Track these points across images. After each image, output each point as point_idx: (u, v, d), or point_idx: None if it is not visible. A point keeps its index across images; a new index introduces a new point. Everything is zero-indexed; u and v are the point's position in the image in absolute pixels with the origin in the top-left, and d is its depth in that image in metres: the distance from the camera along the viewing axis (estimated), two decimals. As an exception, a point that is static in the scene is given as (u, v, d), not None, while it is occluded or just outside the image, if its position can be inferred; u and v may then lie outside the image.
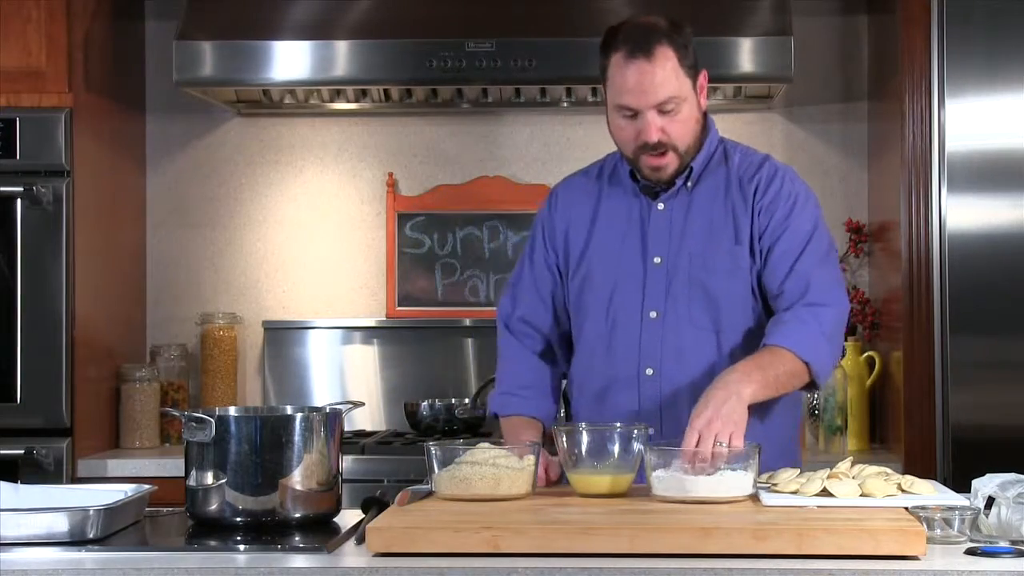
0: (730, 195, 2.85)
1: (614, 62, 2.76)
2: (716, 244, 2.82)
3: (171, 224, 4.50)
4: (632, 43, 2.73)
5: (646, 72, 2.71)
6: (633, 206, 2.89)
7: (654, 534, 2.17)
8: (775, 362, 2.69)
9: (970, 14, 3.69)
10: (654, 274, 2.84)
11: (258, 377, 4.47)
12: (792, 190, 2.84)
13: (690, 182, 2.86)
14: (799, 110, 4.42)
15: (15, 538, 2.26)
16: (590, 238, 2.90)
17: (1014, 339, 3.69)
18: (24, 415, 3.85)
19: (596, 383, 2.87)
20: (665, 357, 2.81)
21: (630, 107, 2.74)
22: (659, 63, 2.72)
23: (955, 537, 2.22)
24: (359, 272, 4.49)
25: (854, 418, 4.10)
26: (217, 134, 4.51)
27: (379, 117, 4.49)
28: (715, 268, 2.82)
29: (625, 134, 2.78)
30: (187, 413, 2.41)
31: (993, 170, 3.70)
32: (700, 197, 2.86)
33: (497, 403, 2.95)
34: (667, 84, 2.72)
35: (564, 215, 2.95)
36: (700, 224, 2.84)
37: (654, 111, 2.73)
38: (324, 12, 4.05)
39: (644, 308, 2.83)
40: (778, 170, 2.87)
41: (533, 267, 2.97)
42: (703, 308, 2.81)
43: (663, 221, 2.85)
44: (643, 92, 2.72)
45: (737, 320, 2.82)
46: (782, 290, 2.79)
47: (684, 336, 2.81)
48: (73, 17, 3.93)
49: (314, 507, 2.42)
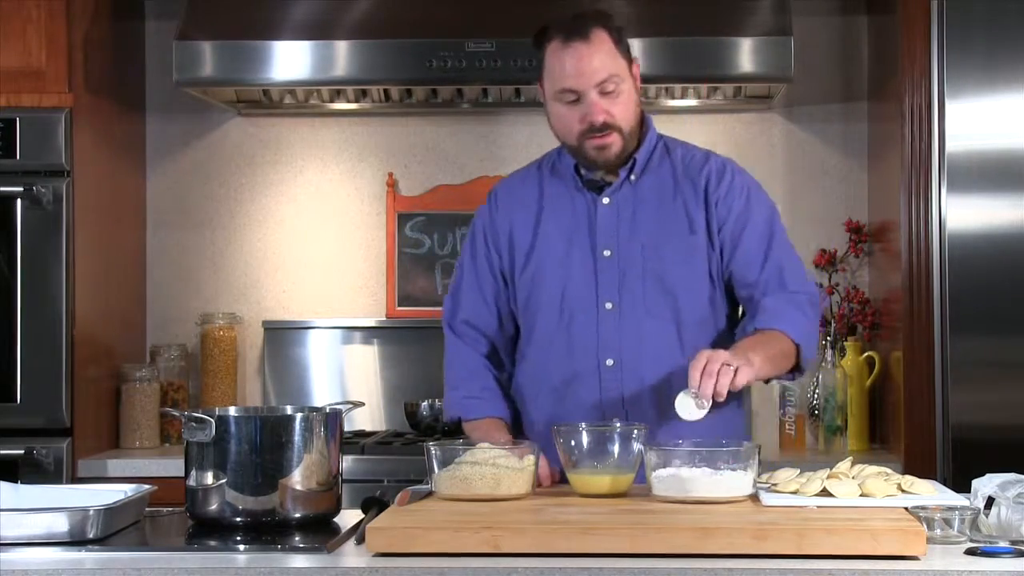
0: (679, 187, 2.89)
1: (551, 51, 2.80)
2: (668, 235, 2.86)
3: (171, 224, 4.50)
4: (567, 30, 2.79)
5: (584, 53, 2.76)
6: (578, 201, 2.91)
7: (654, 534, 2.17)
8: (772, 342, 2.76)
9: (970, 14, 3.69)
10: (605, 266, 2.86)
11: (258, 377, 4.47)
12: (743, 182, 2.91)
13: (633, 175, 2.88)
14: (799, 110, 4.42)
15: (15, 538, 2.26)
16: (536, 236, 2.91)
17: (1014, 339, 3.69)
18: (24, 415, 3.85)
19: (555, 378, 2.87)
20: (625, 347, 2.83)
21: (573, 90, 2.77)
22: (596, 44, 2.77)
23: (955, 537, 2.22)
24: (359, 272, 4.49)
25: (854, 418, 4.10)
26: (217, 134, 4.51)
27: (379, 117, 4.49)
28: (670, 258, 2.85)
29: (568, 120, 2.81)
30: (187, 413, 2.41)
31: (993, 170, 3.70)
32: (646, 190, 2.89)
33: (460, 407, 2.94)
34: (606, 63, 2.77)
35: (506, 216, 2.96)
36: (649, 216, 2.87)
37: (596, 91, 2.77)
38: (324, 12, 4.05)
39: (599, 300, 2.85)
40: (725, 163, 2.94)
41: (476, 270, 2.98)
42: (659, 298, 2.84)
43: (610, 214, 2.88)
44: (583, 73, 2.76)
45: (694, 309, 2.85)
46: (758, 280, 2.84)
47: (642, 326, 2.83)
48: (73, 17, 3.93)
49: (314, 507, 2.42)
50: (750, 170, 4.35)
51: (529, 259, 2.91)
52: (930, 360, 3.73)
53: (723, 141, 4.42)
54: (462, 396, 2.95)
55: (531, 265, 2.90)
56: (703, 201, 2.87)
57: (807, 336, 2.82)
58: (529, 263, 2.91)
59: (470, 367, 2.97)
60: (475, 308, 2.97)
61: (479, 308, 2.97)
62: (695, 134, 4.41)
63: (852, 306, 4.27)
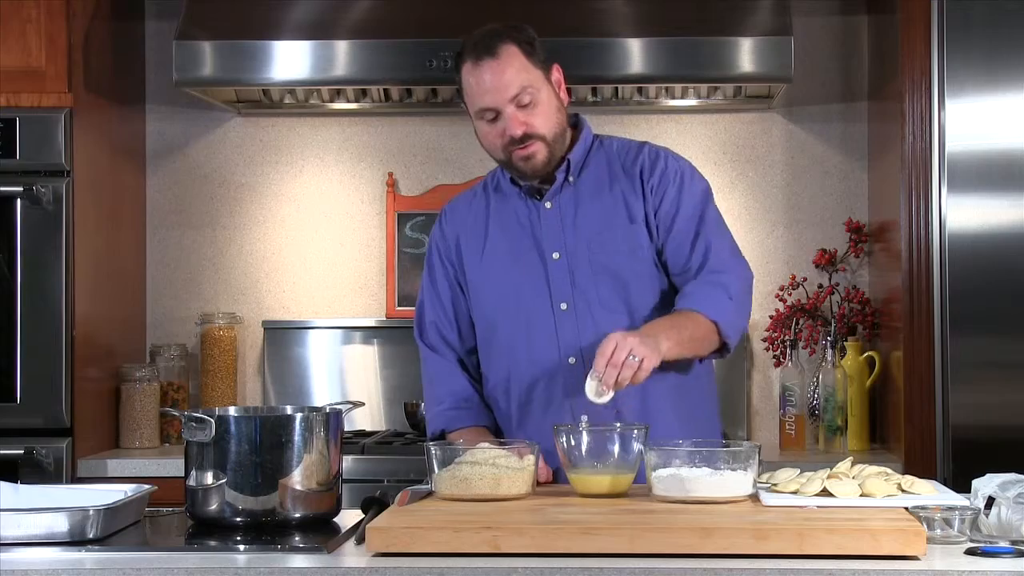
0: (616, 179, 2.91)
1: (465, 72, 2.84)
2: (611, 228, 2.88)
3: (171, 224, 4.50)
4: (476, 49, 2.82)
5: (495, 70, 2.79)
6: (521, 210, 2.93)
7: (654, 534, 2.17)
8: (685, 322, 2.77)
9: (970, 14, 3.69)
10: (555, 269, 2.88)
11: (258, 377, 4.47)
12: (677, 167, 2.92)
13: (571, 176, 2.90)
14: (799, 110, 4.42)
15: (15, 538, 2.26)
16: (484, 247, 2.95)
17: (1014, 339, 3.69)
18: (24, 415, 3.85)
19: (522, 383, 2.89)
20: (584, 344, 2.84)
21: (489, 107, 2.81)
22: (505, 59, 2.80)
23: (955, 537, 2.22)
24: (359, 272, 4.49)
25: (854, 418, 4.10)
26: (217, 134, 4.51)
27: (379, 117, 4.49)
28: (615, 250, 2.87)
29: (492, 137, 2.85)
30: (187, 413, 2.41)
31: (993, 170, 3.70)
32: (585, 187, 2.91)
33: (443, 419, 2.96)
34: (517, 77, 2.80)
35: (454, 229, 3.00)
36: (591, 212, 2.89)
37: (512, 106, 2.80)
38: (324, 12, 4.05)
39: (553, 302, 2.87)
40: (659, 151, 2.94)
41: (435, 285, 3.01)
42: (611, 291, 2.86)
43: (553, 218, 2.90)
44: (496, 89, 2.79)
45: (646, 298, 2.87)
46: (688, 266, 2.86)
47: (599, 320, 2.85)
48: (73, 17, 3.93)
49: (314, 507, 2.42)
50: (750, 170, 4.41)
51: (480, 270, 2.95)
52: (930, 360, 3.73)
53: (723, 141, 4.42)
54: (446, 409, 2.97)
55: (483, 270, 2.94)
56: (639, 189, 2.89)
57: (724, 313, 2.80)
58: (480, 274, 2.94)
59: (448, 381, 3.00)
60: (439, 319, 3.02)
61: (441, 319, 3.01)
62: (695, 134, 4.41)
63: (852, 306, 4.27)
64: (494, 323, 2.93)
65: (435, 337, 3.03)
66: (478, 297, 2.96)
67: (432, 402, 3.01)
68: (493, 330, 2.94)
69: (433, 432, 2.98)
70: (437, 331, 3.02)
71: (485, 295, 2.95)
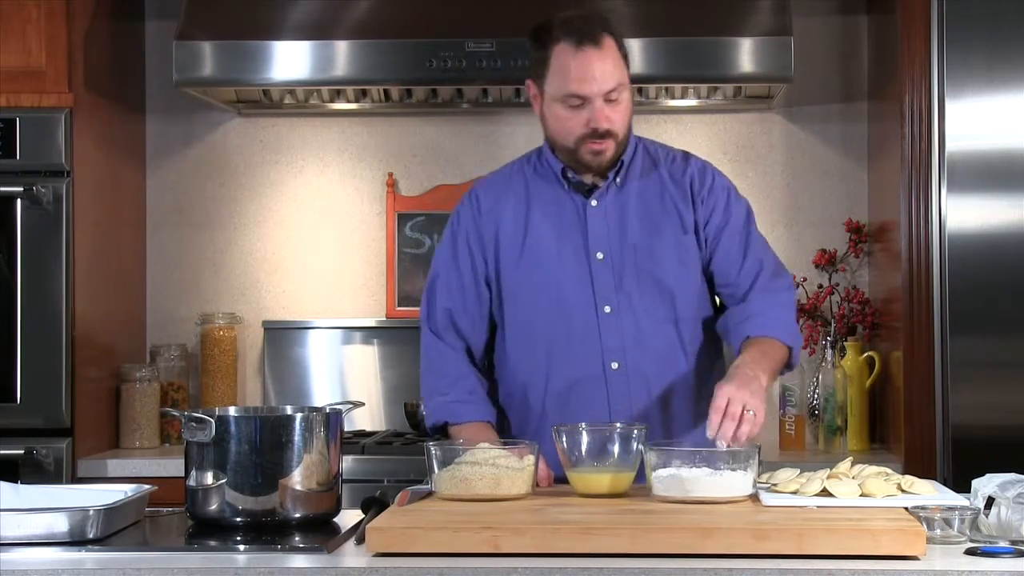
0: (665, 187, 2.90)
1: (558, 52, 2.78)
2: (660, 235, 2.87)
3: (171, 224, 4.50)
4: (578, 33, 2.77)
5: (596, 60, 2.76)
6: (566, 204, 2.90)
7: (654, 534, 2.17)
8: (772, 352, 2.79)
9: (970, 14, 3.69)
10: (599, 270, 2.86)
11: (258, 377, 4.47)
12: (723, 182, 2.95)
13: (618, 178, 2.89)
14: (799, 110, 4.42)
15: (15, 538, 2.26)
16: (525, 239, 2.89)
17: (1014, 339, 3.69)
18: (24, 415, 3.85)
19: (559, 383, 2.86)
20: (628, 350, 2.83)
21: (580, 95, 2.77)
22: (607, 51, 2.78)
23: (955, 537, 2.23)
24: (359, 272, 4.49)
25: (854, 418, 4.10)
26: (217, 134, 4.51)
27: (379, 117, 4.49)
28: (664, 258, 2.86)
29: (570, 124, 2.80)
30: (187, 413, 2.42)
31: (993, 170, 3.70)
32: (632, 192, 2.90)
33: (446, 411, 2.90)
34: (615, 72, 2.78)
35: (491, 218, 2.93)
36: (639, 217, 2.88)
37: (602, 99, 2.77)
38: (324, 12, 4.05)
39: (597, 304, 2.85)
40: (705, 164, 2.96)
41: (457, 271, 2.94)
42: (656, 298, 2.85)
43: (599, 217, 2.88)
44: (594, 79, 2.76)
45: (693, 308, 2.87)
46: (737, 281, 2.87)
47: (643, 327, 2.84)
48: (73, 17, 3.93)
49: (314, 507, 2.42)
50: (750, 170, 4.40)
51: (521, 255, 2.89)
52: (930, 360, 3.73)
53: (723, 141, 4.42)
54: (449, 401, 2.90)
55: (524, 261, 2.88)
56: (690, 200, 2.89)
57: (797, 337, 2.87)
58: (522, 259, 2.89)
59: (454, 371, 2.93)
60: (454, 306, 2.94)
61: (457, 307, 2.94)
62: (695, 134, 4.41)
63: (852, 306, 4.27)
64: (532, 319, 2.87)
65: (444, 324, 2.94)
66: (514, 290, 2.89)
67: (434, 392, 2.94)
68: (530, 326, 2.88)
69: (435, 423, 2.92)
70: (449, 318, 2.94)
71: (523, 289, 2.88)
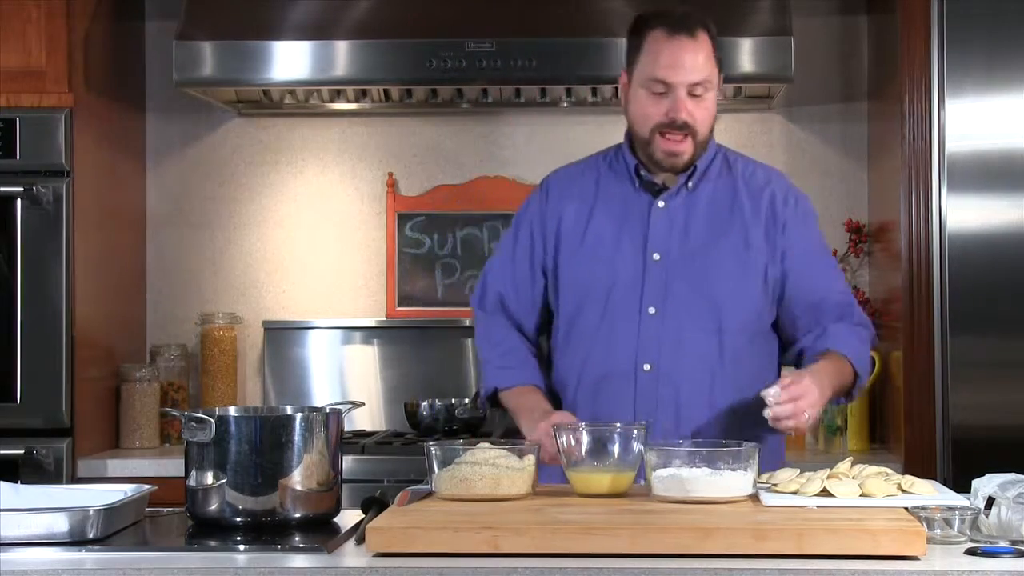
0: (738, 200, 2.88)
1: (652, 37, 2.79)
2: (721, 246, 2.84)
3: (171, 224, 4.50)
4: (674, 22, 2.78)
5: (687, 49, 2.76)
6: (632, 201, 2.89)
7: (654, 534, 2.17)
8: (843, 371, 2.80)
9: (970, 14, 3.69)
10: (653, 270, 2.84)
11: (258, 377, 4.47)
12: (807, 207, 2.93)
13: (691, 182, 2.87)
14: (799, 110, 4.42)
15: (15, 538, 2.26)
16: (587, 231, 2.89)
17: (1014, 339, 3.69)
18: (24, 415, 3.85)
19: (592, 375, 2.86)
20: (663, 353, 2.82)
21: (666, 81, 2.76)
22: (700, 44, 2.78)
23: (955, 537, 2.22)
24: (359, 272, 4.49)
25: (854, 418, 4.10)
26: (217, 134, 4.52)
27: (379, 117, 4.49)
28: (720, 269, 2.83)
29: (650, 110, 2.79)
30: (187, 413, 2.41)
31: (993, 170, 3.70)
32: (702, 199, 2.88)
33: (496, 378, 2.93)
34: (704, 66, 2.77)
35: (557, 207, 2.94)
36: (703, 225, 2.86)
37: (685, 89, 2.76)
38: (324, 12, 4.05)
39: (643, 304, 2.84)
40: (789, 185, 2.94)
41: (514, 260, 2.96)
42: (704, 307, 2.82)
43: (663, 219, 2.86)
44: (682, 67, 2.75)
45: (740, 322, 2.84)
46: (820, 305, 2.86)
47: (684, 333, 2.82)
48: (73, 17, 3.93)
49: (314, 507, 2.42)
50: (750, 170, 4.40)
51: (580, 247, 2.89)
52: (930, 360, 3.73)
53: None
54: (496, 367, 2.93)
55: (581, 253, 2.89)
56: (765, 217, 2.86)
57: (866, 373, 2.88)
58: (580, 251, 2.89)
59: (505, 342, 2.95)
60: (505, 292, 2.96)
61: (509, 293, 2.96)
62: (695, 134, 4.41)
63: (852, 306, 4.27)
64: (579, 310, 2.87)
65: (495, 306, 2.97)
66: (567, 281, 2.90)
67: (485, 363, 2.97)
68: (576, 317, 2.88)
69: (486, 391, 2.95)
70: (499, 301, 2.97)
71: (576, 281, 2.88)
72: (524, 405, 2.87)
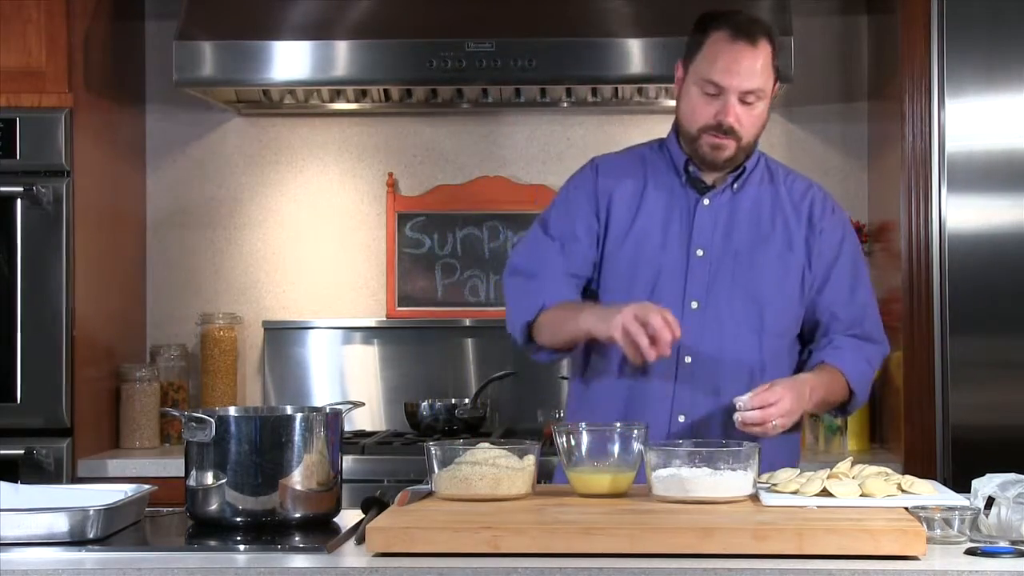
0: (779, 205, 2.90)
1: (714, 38, 2.79)
2: (765, 248, 2.87)
3: (171, 224, 4.50)
4: (738, 26, 2.79)
5: (746, 56, 2.77)
6: (678, 197, 2.90)
7: (654, 534, 2.17)
8: (834, 384, 2.82)
9: (970, 14, 3.69)
10: (696, 266, 2.86)
11: (258, 377, 4.47)
12: (844, 217, 2.96)
13: (736, 184, 2.89)
14: (799, 110, 4.42)
15: (15, 538, 2.26)
16: (634, 220, 2.90)
17: (1014, 339, 3.69)
18: (24, 415, 3.85)
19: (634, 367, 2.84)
20: (704, 347, 2.83)
21: (719, 84, 2.77)
22: (760, 52, 2.78)
23: (955, 537, 2.22)
24: (359, 272, 4.49)
25: (854, 418, 4.09)
26: (217, 134, 4.51)
27: (379, 117, 4.49)
28: (763, 270, 2.86)
29: (700, 110, 2.81)
30: (187, 413, 2.41)
31: (993, 170, 3.70)
32: (746, 201, 2.90)
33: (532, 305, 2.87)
34: (760, 75, 2.78)
35: (607, 185, 2.92)
36: (747, 226, 2.88)
37: (737, 95, 2.77)
38: (324, 12, 4.05)
39: (686, 298, 2.85)
40: (827, 195, 2.96)
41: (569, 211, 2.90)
42: (746, 306, 2.85)
43: (708, 216, 2.88)
44: (738, 74, 2.77)
45: (779, 322, 2.87)
46: (839, 314, 2.88)
47: (726, 329, 2.84)
48: (73, 17, 3.93)
49: (314, 507, 2.42)
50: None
51: (624, 241, 2.89)
52: (930, 360, 3.73)
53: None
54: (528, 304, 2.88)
55: (628, 243, 2.89)
56: (805, 224, 2.89)
57: (863, 388, 2.89)
58: (627, 240, 2.89)
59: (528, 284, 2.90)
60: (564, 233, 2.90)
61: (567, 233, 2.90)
62: (695, 134, 4.41)
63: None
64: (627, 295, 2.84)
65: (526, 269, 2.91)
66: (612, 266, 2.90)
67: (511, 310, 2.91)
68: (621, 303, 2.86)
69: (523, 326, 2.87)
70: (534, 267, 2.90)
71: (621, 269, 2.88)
72: (587, 306, 2.82)
